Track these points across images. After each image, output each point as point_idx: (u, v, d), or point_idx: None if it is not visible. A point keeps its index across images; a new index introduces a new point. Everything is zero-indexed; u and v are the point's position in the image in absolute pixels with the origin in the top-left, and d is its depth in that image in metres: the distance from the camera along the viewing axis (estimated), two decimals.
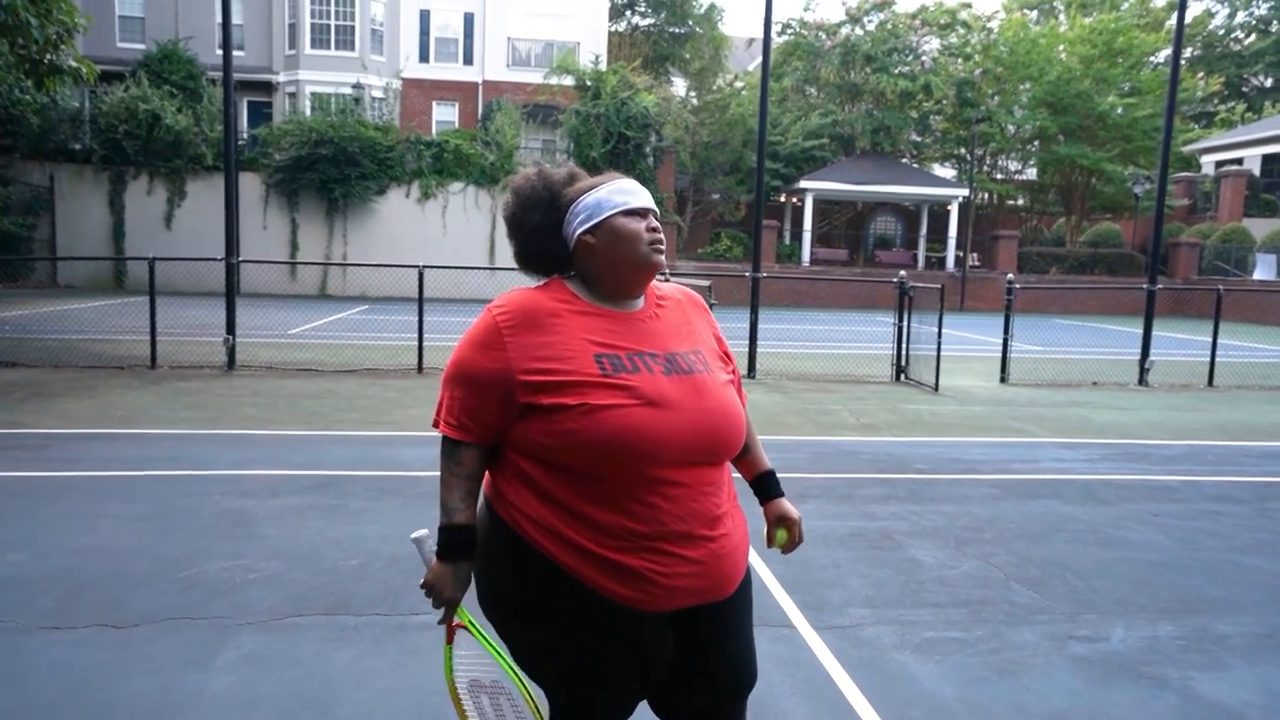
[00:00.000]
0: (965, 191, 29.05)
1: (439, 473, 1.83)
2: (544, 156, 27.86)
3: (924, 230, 30.79)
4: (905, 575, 4.23)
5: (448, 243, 24.59)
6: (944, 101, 31.02)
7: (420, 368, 10.32)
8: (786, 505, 2.06)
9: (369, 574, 4.09)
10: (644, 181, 26.60)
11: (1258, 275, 26.95)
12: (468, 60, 30.74)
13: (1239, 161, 34.53)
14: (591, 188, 1.88)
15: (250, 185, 23.62)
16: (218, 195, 20.58)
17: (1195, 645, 3.53)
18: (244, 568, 4.11)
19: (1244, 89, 51.45)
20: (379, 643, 3.40)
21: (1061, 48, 31.30)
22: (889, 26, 31.02)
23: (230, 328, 10.20)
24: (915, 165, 33.27)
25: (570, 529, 1.74)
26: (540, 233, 1.93)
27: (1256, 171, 33.77)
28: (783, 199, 31.48)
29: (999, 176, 34.21)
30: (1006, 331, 11.03)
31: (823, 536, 4.77)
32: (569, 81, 26.21)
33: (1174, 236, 29.74)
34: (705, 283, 13.01)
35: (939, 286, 10.16)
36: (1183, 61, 40.45)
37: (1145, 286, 11.50)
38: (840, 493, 5.70)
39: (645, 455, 1.71)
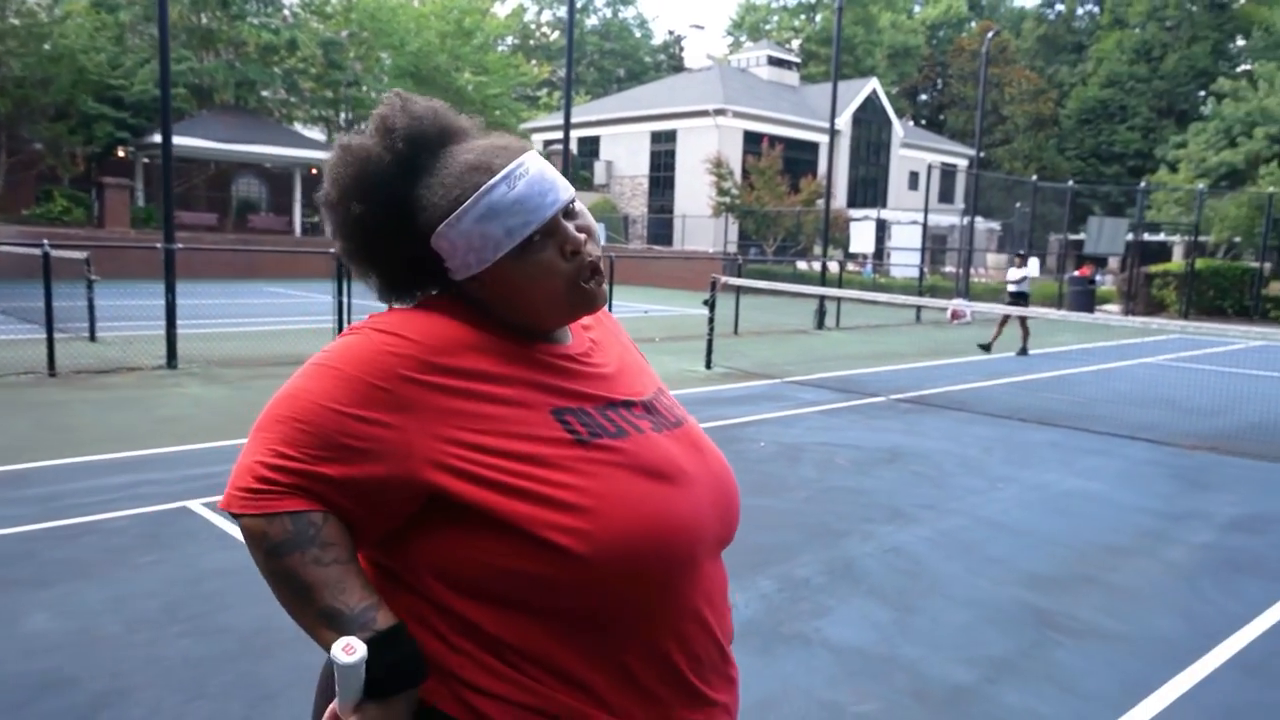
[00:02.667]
0: None
1: (289, 585, 1.00)
2: None
3: (299, 195, 29.49)
4: None
5: None
6: (310, 60, 29.90)
7: None
8: None
9: None
10: None
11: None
12: None
13: (560, 141, 40.14)
14: (451, 207, 1.09)
15: None
16: None
17: (796, 595, 3.90)
18: None
19: (553, 80, 59.80)
20: None
21: (412, 23, 32.46)
22: None
23: None
24: (288, 125, 31.57)
25: (587, 703, 1.06)
26: (403, 270, 1.18)
27: (575, 150, 39.63)
28: (121, 153, 27.22)
29: None
30: None
31: None
32: None
33: None
34: (82, 254, 10.53)
35: None
36: (504, 48, 45.66)
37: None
38: None
39: (683, 560, 1.09)
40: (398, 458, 1.01)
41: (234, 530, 4.45)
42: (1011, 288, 13.61)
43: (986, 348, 13.04)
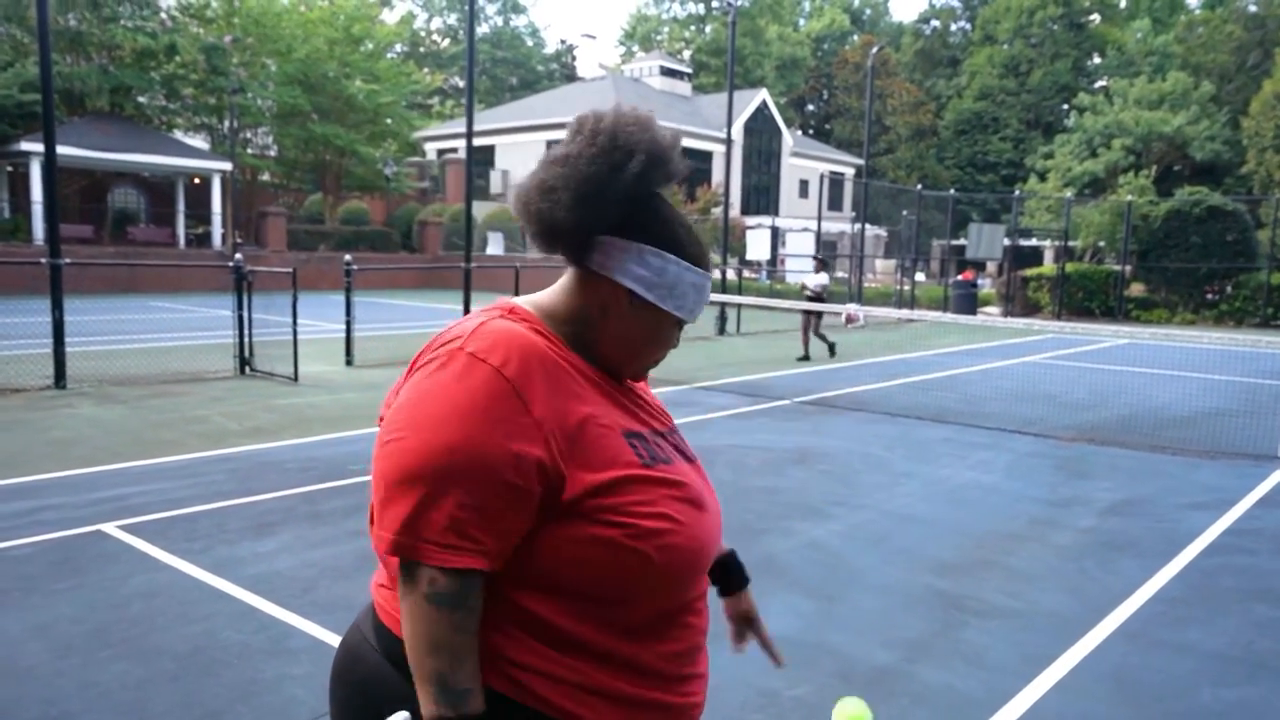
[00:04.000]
0: (228, 165, 27.49)
1: (425, 631, 1.10)
2: None
3: (182, 205, 28.30)
4: None
5: None
6: (192, 66, 28.76)
7: None
8: (753, 600, 1.62)
9: None
10: None
11: (490, 250, 31.50)
12: None
13: (455, 150, 39.70)
14: (687, 246, 1.27)
15: None
16: None
17: None
18: None
19: (445, 88, 59.11)
20: None
21: (299, 29, 31.62)
22: None
23: None
24: (168, 133, 30.24)
25: (620, 679, 1.22)
26: (591, 224, 1.24)
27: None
28: None
29: (252, 151, 33.25)
30: (349, 313, 10.93)
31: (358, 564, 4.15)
32: None
33: (417, 216, 32.78)
34: None
35: (291, 270, 9.54)
36: (394, 56, 44.93)
37: (462, 265, 12.56)
38: (320, 514, 5.01)
39: (701, 571, 1.29)
40: (547, 474, 1.13)
41: (156, 552, 4.36)
42: (811, 290, 13.22)
43: (831, 350, 13.03)
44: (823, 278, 13.30)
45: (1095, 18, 52.82)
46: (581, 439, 1.17)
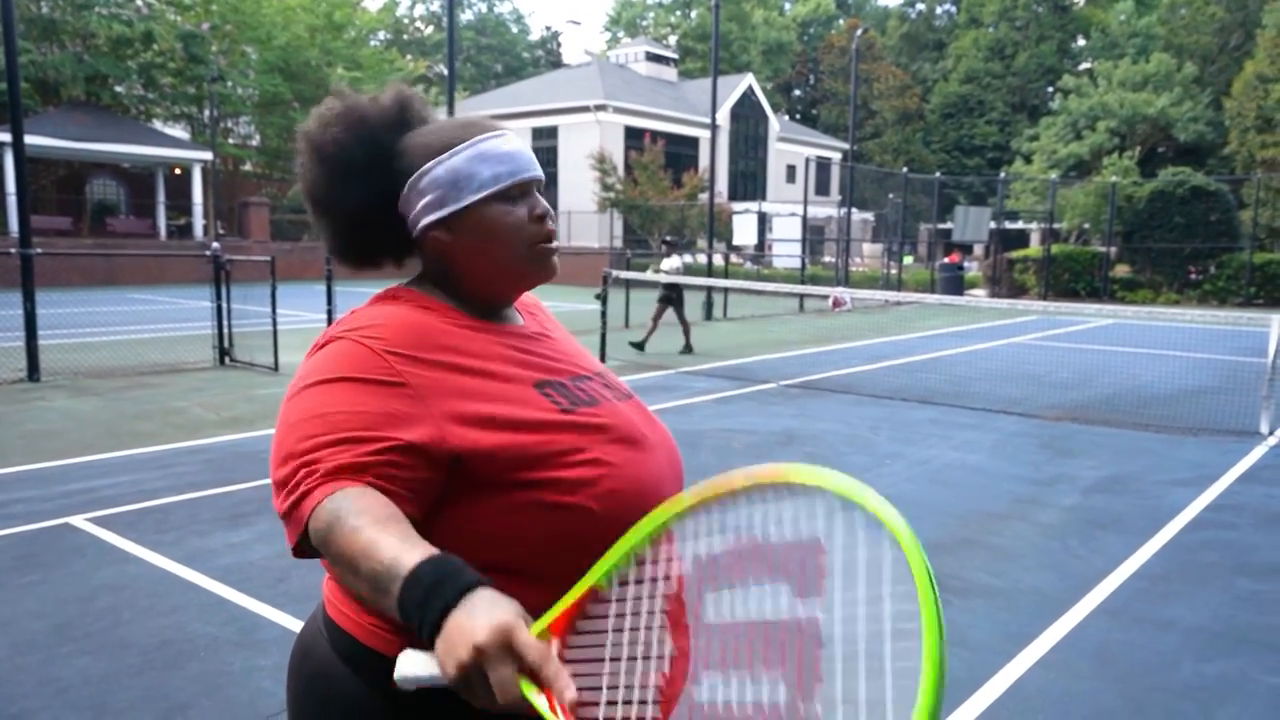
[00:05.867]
0: (209, 155, 27.19)
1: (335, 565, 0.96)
2: None
3: (162, 196, 28.00)
4: None
5: None
6: (169, 54, 28.43)
7: None
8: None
9: None
10: None
11: None
12: None
13: None
14: (443, 147, 1.17)
15: None
16: None
17: None
18: None
19: (429, 75, 58.61)
20: None
21: (278, 16, 31.26)
22: None
23: None
24: (146, 123, 29.90)
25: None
26: (364, 219, 1.20)
27: None
28: None
29: (233, 141, 32.93)
30: (330, 302, 10.78)
31: None
32: None
33: None
34: None
35: (269, 259, 9.43)
36: (377, 43, 44.54)
37: None
38: None
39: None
40: (428, 423, 1.04)
41: (125, 544, 4.27)
42: (664, 279, 11.83)
43: (640, 345, 11.56)
44: (674, 261, 11.83)
45: (1079, 0, 52.80)
46: (477, 401, 1.09)
